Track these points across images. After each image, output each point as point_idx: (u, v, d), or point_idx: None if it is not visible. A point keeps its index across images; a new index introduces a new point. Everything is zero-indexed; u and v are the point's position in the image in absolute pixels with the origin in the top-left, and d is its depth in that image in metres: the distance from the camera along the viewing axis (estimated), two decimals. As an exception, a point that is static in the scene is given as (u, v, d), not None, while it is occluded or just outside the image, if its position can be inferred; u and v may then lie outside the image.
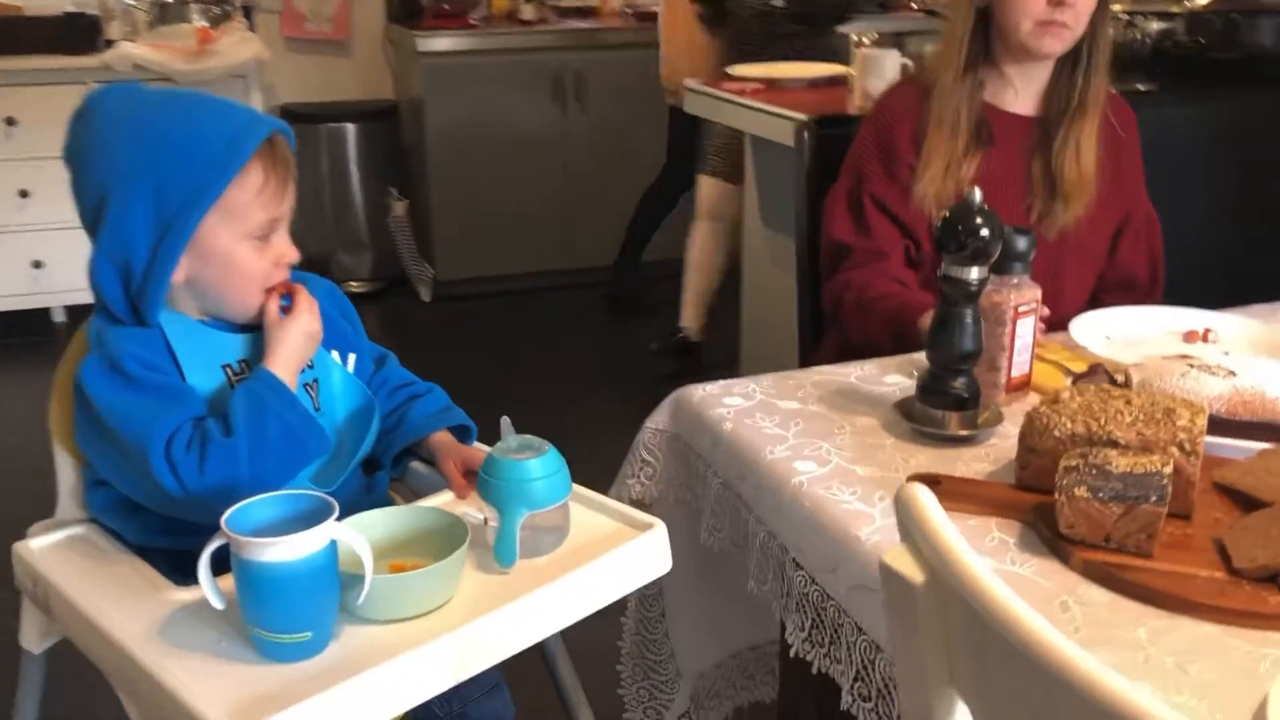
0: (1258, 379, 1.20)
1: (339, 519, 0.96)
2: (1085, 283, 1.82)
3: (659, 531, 1.13)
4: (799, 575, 1.13)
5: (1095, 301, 1.80)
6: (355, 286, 4.29)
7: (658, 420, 1.41)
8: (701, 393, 1.38)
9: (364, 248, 4.37)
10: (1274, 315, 1.65)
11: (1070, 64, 1.69)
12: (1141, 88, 2.40)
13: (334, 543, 0.97)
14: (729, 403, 1.35)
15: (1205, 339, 1.53)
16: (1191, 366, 1.23)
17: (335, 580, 0.98)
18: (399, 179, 4.38)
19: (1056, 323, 1.57)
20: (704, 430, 1.32)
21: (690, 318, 3.59)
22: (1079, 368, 1.41)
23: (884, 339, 1.58)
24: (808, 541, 1.12)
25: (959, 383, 1.25)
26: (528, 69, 4.22)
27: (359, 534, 0.98)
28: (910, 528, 0.71)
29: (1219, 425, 1.15)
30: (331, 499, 0.98)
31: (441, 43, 4.15)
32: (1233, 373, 1.21)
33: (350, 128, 4.26)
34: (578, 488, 1.16)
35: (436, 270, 4.33)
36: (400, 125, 4.44)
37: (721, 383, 1.40)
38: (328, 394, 1.25)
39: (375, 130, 4.32)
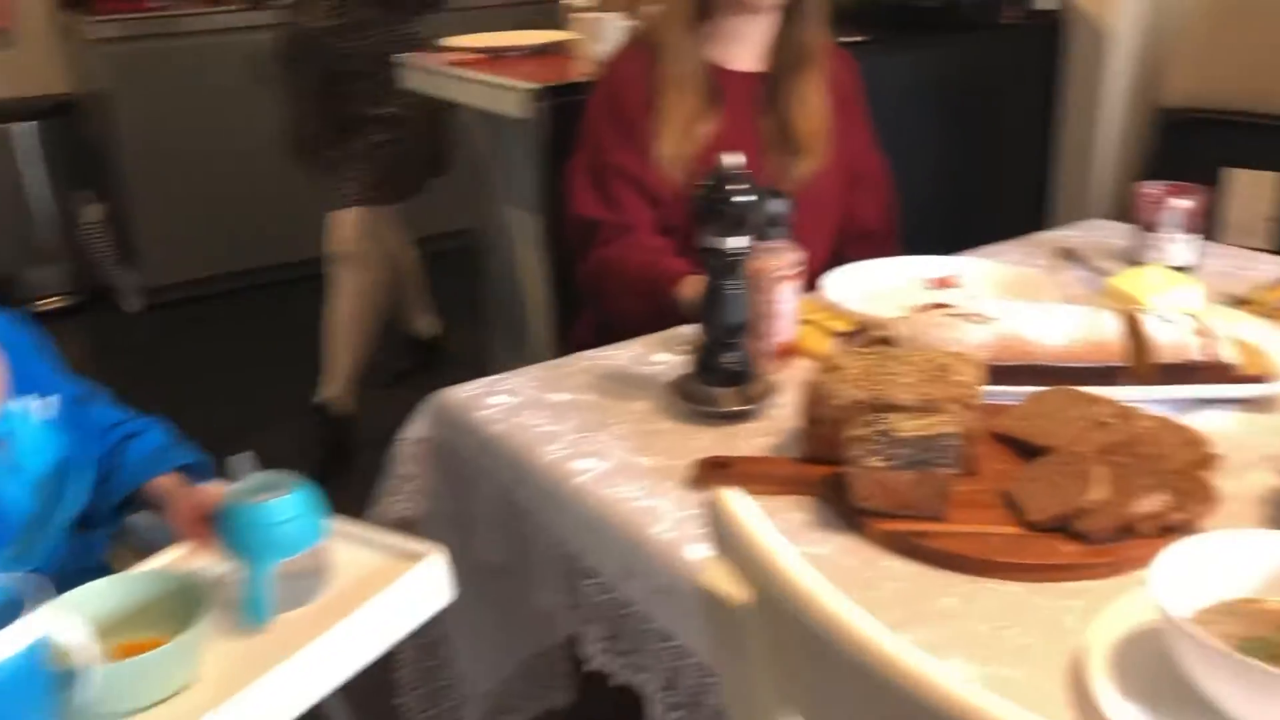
0: (1014, 322, 1.21)
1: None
2: (826, 237, 1.83)
3: (436, 560, 1.02)
4: (591, 584, 1.05)
5: (836, 256, 1.81)
6: (49, 304, 3.85)
7: (417, 429, 1.28)
8: (463, 394, 1.27)
9: (54, 260, 3.93)
10: (1003, 254, 1.71)
11: (789, 17, 1.69)
12: (853, 39, 2.44)
13: (44, 637, 0.80)
14: (494, 402, 1.24)
15: (951, 284, 1.55)
16: (952, 316, 1.24)
17: (48, 683, 0.81)
18: (90, 180, 3.96)
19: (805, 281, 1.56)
20: (470, 435, 1.22)
21: (337, 387, 2.92)
22: (841, 327, 1.40)
23: (647, 315, 1.52)
24: (597, 546, 1.04)
25: (731, 357, 1.20)
26: (224, 51, 3.88)
27: (74, 616, 0.82)
28: (730, 542, 0.64)
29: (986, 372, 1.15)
30: (39, 579, 0.81)
31: (120, 28, 3.75)
32: (991, 317, 1.22)
33: (22, 127, 3.81)
34: (337, 521, 1.03)
35: (144, 276, 3.96)
36: (84, 121, 4.01)
37: (484, 381, 1.29)
38: (22, 450, 1.05)
39: (54, 128, 3.88)
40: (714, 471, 1.05)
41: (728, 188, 1.15)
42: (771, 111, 1.73)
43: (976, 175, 2.77)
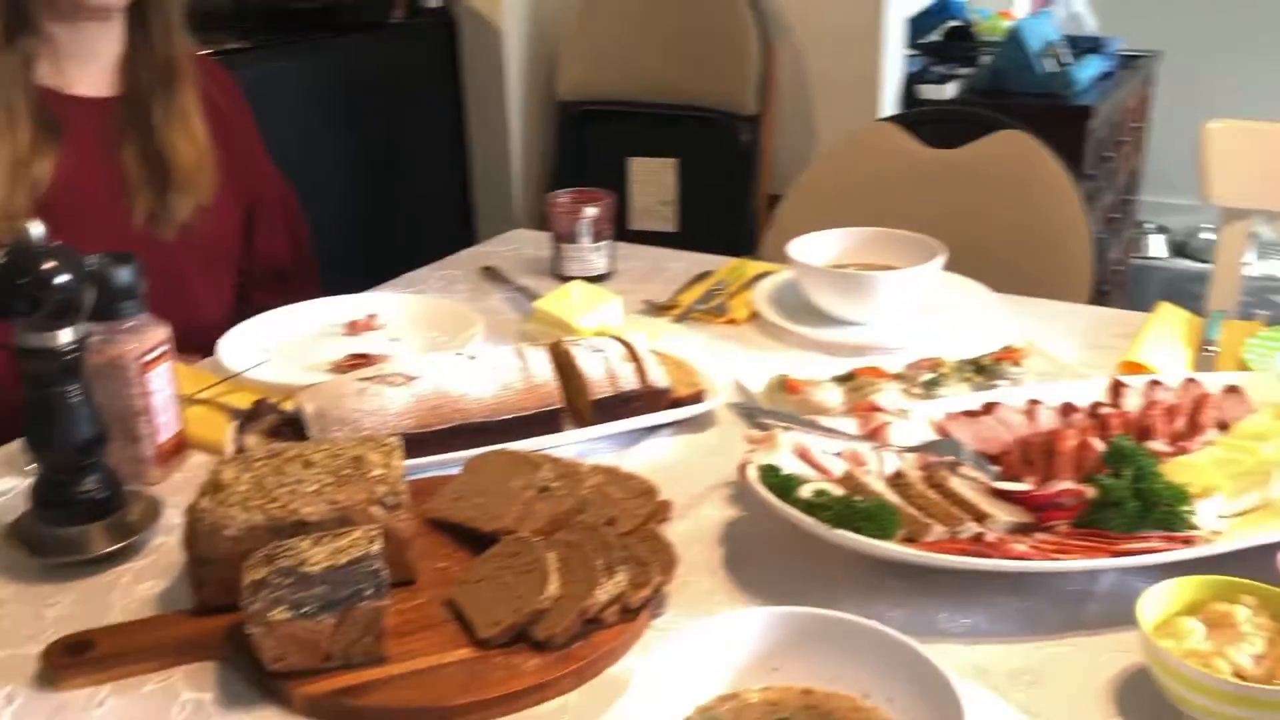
0: (437, 377, 1.06)
1: None
2: (224, 285, 1.57)
3: None
4: None
5: (247, 302, 1.56)
6: None
7: None
8: None
9: None
10: (425, 282, 1.56)
11: (137, 26, 1.41)
12: (223, 48, 2.16)
13: None
14: None
15: (371, 326, 1.37)
16: (367, 380, 1.05)
17: None
18: None
19: (200, 343, 1.30)
20: None
21: None
22: (244, 401, 1.15)
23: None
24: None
25: (90, 481, 0.92)
26: None
27: None
28: None
29: (415, 444, 0.98)
30: None
31: None
32: (411, 376, 1.06)
33: None
34: None
35: None
36: None
37: None
38: None
39: None
40: (72, 659, 0.78)
41: (42, 265, 0.86)
42: (134, 142, 1.42)
43: (396, 193, 2.61)
